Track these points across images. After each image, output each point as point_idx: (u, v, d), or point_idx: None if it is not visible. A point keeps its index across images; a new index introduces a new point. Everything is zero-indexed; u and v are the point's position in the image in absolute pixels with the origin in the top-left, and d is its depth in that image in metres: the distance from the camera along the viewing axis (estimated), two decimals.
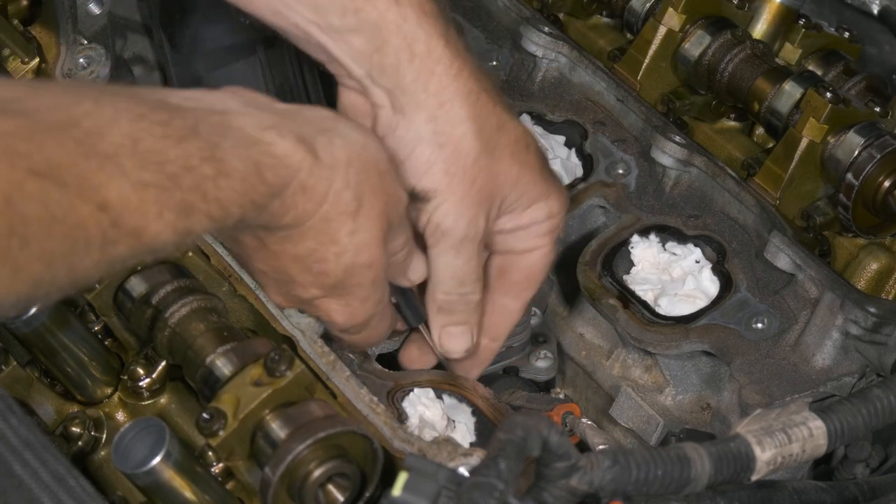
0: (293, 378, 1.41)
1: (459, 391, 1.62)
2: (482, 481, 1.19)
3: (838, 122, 1.88)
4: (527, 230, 1.59)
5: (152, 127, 1.22)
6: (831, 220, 1.91)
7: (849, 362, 1.75)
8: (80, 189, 1.15)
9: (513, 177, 1.54)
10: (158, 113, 1.24)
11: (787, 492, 1.48)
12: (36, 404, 1.60)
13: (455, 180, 1.50)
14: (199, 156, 1.24)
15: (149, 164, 1.20)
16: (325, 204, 1.36)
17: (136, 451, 1.38)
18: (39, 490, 1.33)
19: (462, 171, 1.50)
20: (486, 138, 1.51)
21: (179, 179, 1.22)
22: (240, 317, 1.56)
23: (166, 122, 1.23)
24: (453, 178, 1.50)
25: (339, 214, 1.38)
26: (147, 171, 1.19)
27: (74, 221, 1.14)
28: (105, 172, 1.17)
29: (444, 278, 1.57)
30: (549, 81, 2.08)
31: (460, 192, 1.51)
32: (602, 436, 1.66)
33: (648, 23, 2.07)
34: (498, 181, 1.53)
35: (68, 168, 1.14)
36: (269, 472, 1.36)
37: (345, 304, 1.46)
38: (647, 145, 1.96)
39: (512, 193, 1.55)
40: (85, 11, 1.94)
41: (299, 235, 1.38)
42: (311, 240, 1.39)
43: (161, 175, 1.20)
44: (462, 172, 1.50)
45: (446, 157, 1.50)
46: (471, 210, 1.52)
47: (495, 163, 1.52)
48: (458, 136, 1.50)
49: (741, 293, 1.83)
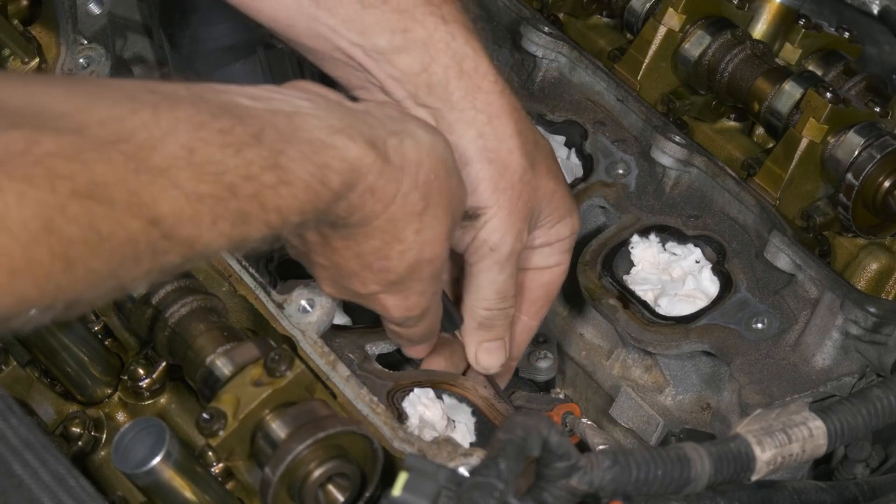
0: (293, 378, 1.41)
1: (459, 391, 1.62)
2: (482, 481, 1.19)
3: (838, 122, 1.88)
4: (552, 246, 1.61)
5: (212, 135, 1.18)
6: (831, 220, 1.91)
7: (849, 362, 1.75)
8: (130, 206, 1.12)
9: (549, 191, 1.55)
10: (221, 119, 1.20)
11: (787, 492, 1.48)
12: (36, 404, 1.60)
13: (503, 196, 1.51)
14: (260, 164, 1.21)
15: (205, 175, 1.16)
16: (392, 205, 1.35)
17: (136, 451, 1.38)
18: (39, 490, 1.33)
19: (510, 186, 1.51)
20: (529, 153, 1.52)
21: (237, 189, 1.19)
22: (240, 317, 1.56)
23: (228, 130, 1.20)
24: (502, 195, 1.51)
25: (407, 214, 1.37)
26: (203, 182, 1.16)
27: (123, 238, 1.11)
28: (157, 186, 1.13)
29: (487, 294, 1.58)
30: (549, 81, 2.08)
31: (508, 208, 1.51)
32: (602, 436, 1.67)
33: (648, 23, 2.07)
34: (538, 196, 1.54)
35: (117, 185, 1.11)
36: (269, 472, 1.36)
37: (403, 297, 1.46)
38: (647, 145, 1.96)
39: (547, 208, 1.56)
40: (85, 11, 1.95)
41: (365, 234, 1.37)
42: (376, 239, 1.38)
43: (218, 186, 1.17)
44: (510, 188, 1.51)
45: (495, 173, 1.50)
46: (517, 225, 1.53)
47: (536, 178, 1.53)
48: (505, 151, 1.50)
49: (741, 293, 1.83)
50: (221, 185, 1.17)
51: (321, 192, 1.27)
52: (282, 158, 1.23)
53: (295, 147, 1.25)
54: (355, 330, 1.71)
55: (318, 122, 1.28)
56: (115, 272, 1.12)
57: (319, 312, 1.52)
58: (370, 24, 1.46)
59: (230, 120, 1.20)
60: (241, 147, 1.19)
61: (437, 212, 1.39)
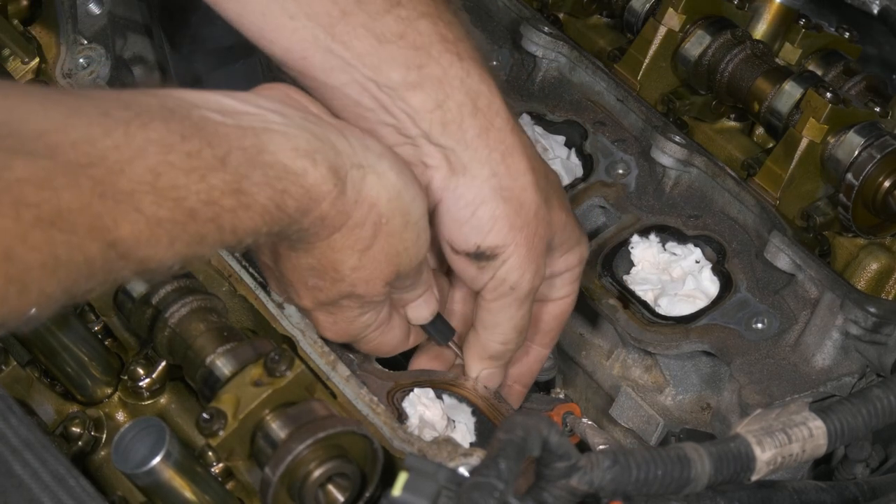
0: (293, 378, 1.41)
1: (459, 391, 1.62)
2: (482, 481, 1.19)
3: (838, 122, 1.88)
4: (561, 277, 1.61)
5: (180, 159, 1.19)
6: (831, 220, 1.91)
7: (849, 362, 1.75)
8: (91, 230, 1.13)
9: (561, 223, 1.55)
10: (190, 141, 1.21)
11: (787, 492, 1.48)
12: (36, 404, 1.60)
13: (521, 234, 1.49)
14: (222, 189, 1.22)
15: (167, 200, 1.18)
16: (337, 234, 1.35)
17: (136, 451, 1.38)
18: (39, 490, 1.33)
19: (526, 223, 1.49)
20: (543, 189, 1.51)
21: (197, 213, 1.20)
22: (240, 317, 1.56)
23: (196, 154, 1.21)
24: (519, 233, 1.49)
25: (347, 248, 1.37)
26: (164, 207, 1.18)
27: (81, 260, 1.13)
28: (120, 210, 1.15)
29: (505, 330, 1.57)
30: (549, 81, 2.08)
31: (526, 246, 1.50)
32: (602, 436, 1.67)
33: (648, 23, 2.07)
34: (553, 230, 1.53)
35: (80, 211, 1.12)
36: (269, 472, 1.36)
37: (332, 320, 1.47)
38: (647, 145, 1.96)
39: (558, 239, 1.55)
40: (85, 11, 1.94)
41: (305, 252, 1.38)
42: (314, 259, 1.39)
43: (179, 210, 1.19)
44: (526, 225, 1.49)
45: (511, 211, 1.48)
46: (534, 263, 1.52)
47: (550, 212, 1.52)
48: (520, 189, 1.49)
49: (741, 293, 1.83)
50: (182, 210, 1.19)
51: (277, 216, 1.28)
52: (244, 183, 1.24)
53: (258, 171, 1.26)
54: None
55: (284, 143, 1.29)
56: (68, 290, 1.14)
57: None
58: (385, 58, 1.45)
59: (199, 142, 1.22)
60: (206, 172, 1.21)
61: (379, 256, 1.39)
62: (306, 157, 1.30)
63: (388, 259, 1.40)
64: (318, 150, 1.31)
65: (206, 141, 1.23)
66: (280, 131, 1.29)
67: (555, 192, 1.54)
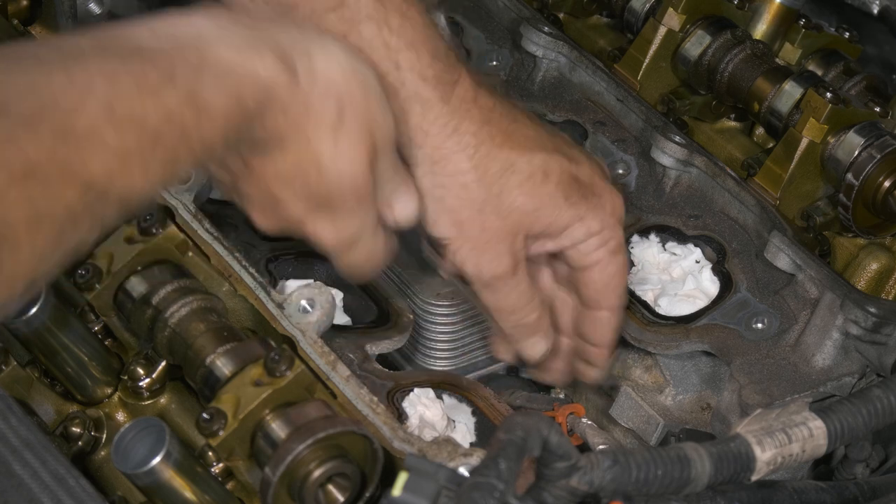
0: (293, 378, 1.41)
1: (459, 391, 1.62)
2: (482, 481, 1.19)
3: (838, 122, 1.88)
4: (575, 249, 1.63)
5: (128, 87, 1.19)
6: (831, 220, 1.91)
7: (849, 362, 1.75)
8: (63, 176, 1.13)
9: (530, 210, 1.57)
10: (131, 64, 1.20)
11: (787, 492, 1.48)
12: (36, 404, 1.60)
13: (464, 228, 1.55)
14: (178, 102, 1.22)
15: (129, 128, 1.18)
16: (304, 120, 1.34)
17: (136, 452, 1.38)
18: (39, 490, 1.33)
19: (469, 219, 1.55)
20: (490, 184, 1.55)
21: (162, 134, 1.20)
22: (240, 317, 1.56)
23: (142, 76, 1.20)
24: (461, 227, 1.55)
25: (318, 128, 1.35)
26: (129, 136, 1.18)
27: (61, 209, 1.13)
28: (86, 151, 1.15)
29: (493, 313, 1.63)
30: (549, 81, 2.08)
31: (472, 238, 1.55)
32: (602, 436, 1.67)
33: (648, 23, 2.07)
34: (514, 219, 1.56)
35: (48, 160, 1.13)
36: (269, 472, 1.36)
37: (331, 220, 1.44)
38: (647, 145, 1.96)
39: (536, 225, 1.58)
40: (85, 11, 1.95)
41: (281, 153, 1.36)
42: (292, 155, 1.37)
43: (143, 136, 1.19)
44: (469, 220, 1.55)
45: (450, 207, 1.54)
46: (488, 252, 1.56)
47: (506, 203, 1.55)
48: (458, 187, 1.54)
49: (741, 293, 1.83)
50: (147, 135, 1.19)
51: (238, 115, 1.27)
52: (198, 92, 1.24)
53: (207, 77, 1.25)
54: (355, 330, 1.71)
55: (225, 46, 1.28)
56: (58, 243, 1.14)
57: (319, 312, 1.52)
58: None
59: (141, 63, 1.21)
60: (157, 91, 1.21)
61: (352, 128, 1.37)
62: (249, 51, 1.29)
63: (363, 130, 1.39)
64: (260, 43, 1.31)
65: (148, 64, 1.22)
66: (216, 36, 1.29)
67: (518, 185, 1.56)
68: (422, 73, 1.50)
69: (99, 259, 1.54)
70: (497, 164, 1.55)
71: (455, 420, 1.58)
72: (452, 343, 1.86)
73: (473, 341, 1.86)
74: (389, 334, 1.69)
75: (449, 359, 1.86)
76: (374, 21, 1.48)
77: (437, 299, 1.83)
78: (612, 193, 1.64)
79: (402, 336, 1.70)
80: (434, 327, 1.85)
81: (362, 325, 1.73)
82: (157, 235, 1.55)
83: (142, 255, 1.54)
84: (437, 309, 1.84)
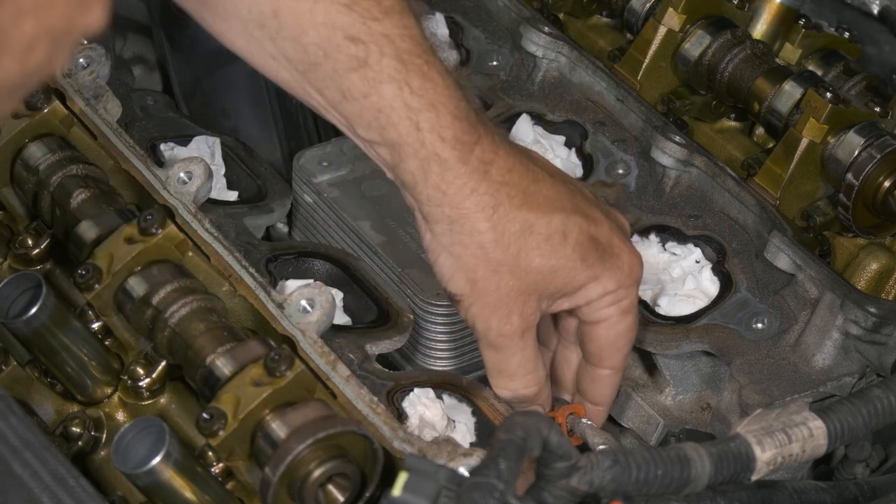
0: (293, 378, 1.41)
1: (459, 391, 1.62)
2: (482, 481, 1.19)
3: (838, 122, 1.88)
4: (589, 306, 1.62)
5: None
6: (831, 220, 1.91)
7: (849, 362, 1.75)
8: None
9: (546, 272, 1.57)
10: None
11: (787, 492, 1.48)
12: (36, 404, 1.60)
13: (478, 286, 1.55)
14: None
15: None
16: None
17: (136, 451, 1.38)
18: (39, 490, 1.33)
19: (483, 278, 1.55)
20: (507, 245, 1.55)
21: None
22: (240, 317, 1.56)
23: None
24: (475, 285, 1.55)
25: None
26: None
27: None
28: None
29: (493, 375, 1.63)
30: (549, 81, 2.08)
31: (485, 297, 1.56)
32: (602, 436, 1.67)
33: (648, 23, 2.07)
34: (530, 279, 1.56)
35: None
36: (269, 472, 1.36)
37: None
38: (647, 145, 1.96)
39: (551, 286, 1.58)
40: None
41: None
42: None
43: None
44: (484, 279, 1.55)
45: (466, 266, 1.55)
46: (500, 311, 1.57)
47: (523, 263, 1.55)
48: (474, 246, 1.54)
49: (741, 293, 1.83)
50: None
51: None
52: None
53: None
54: (355, 330, 1.71)
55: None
56: None
57: (319, 312, 1.52)
58: (352, 113, 1.51)
59: None
60: None
61: None
62: None
63: None
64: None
65: None
66: None
67: (536, 246, 1.56)
68: (441, 133, 1.50)
69: (99, 259, 1.54)
70: (515, 225, 1.55)
71: (455, 420, 1.58)
72: (452, 343, 1.86)
73: (473, 341, 1.86)
74: (389, 334, 1.69)
75: (449, 359, 1.86)
76: (395, 82, 1.48)
77: (437, 299, 1.83)
78: (630, 253, 1.63)
79: (402, 336, 1.70)
80: (434, 327, 1.85)
81: (362, 325, 1.73)
82: (157, 235, 1.55)
83: (142, 254, 1.54)
84: (437, 309, 1.84)
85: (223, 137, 1.95)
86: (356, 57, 1.47)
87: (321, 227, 1.98)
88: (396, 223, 1.94)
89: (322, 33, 1.47)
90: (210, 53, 2.08)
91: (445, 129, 1.50)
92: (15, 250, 1.66)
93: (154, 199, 1.62)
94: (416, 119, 1.49)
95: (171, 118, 2.00)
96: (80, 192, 1.62)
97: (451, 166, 1.51)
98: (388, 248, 1.91)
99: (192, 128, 1.98)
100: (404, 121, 1.49)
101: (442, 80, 1.50)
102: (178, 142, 1.93)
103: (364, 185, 2.00)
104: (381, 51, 1.47)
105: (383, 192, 1.98)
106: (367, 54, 1.47)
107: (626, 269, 1.61)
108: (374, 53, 1.47)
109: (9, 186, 1.70)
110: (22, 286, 1.52)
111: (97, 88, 1.78)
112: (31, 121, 1.68)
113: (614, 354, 1.66)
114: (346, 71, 1.48)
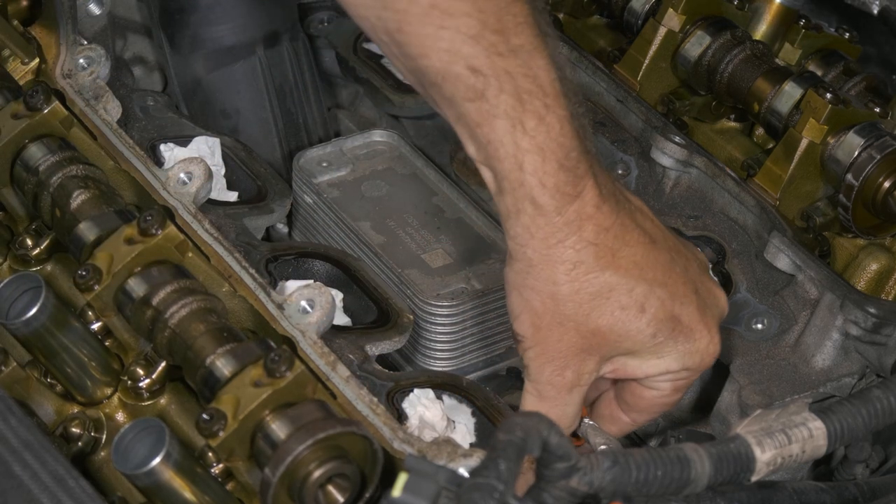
0: (293, 378, 1.41)
1: (459, 392, 1.62)
2: (482, 482, 1.19)
3: (838, 123, 1.88)
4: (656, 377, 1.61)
5: None
6: (831, 220, 1.91)
7: (849, 363, 1.75)
8: None
9: (612, 339, 1.56)
10: None
11: (787, 492, 1.48)
12: (36, 405, 1.60)
13: (541, 333, 1.55)
14: None
15: None
16: None
17: (135, 452, 1.38)
18: (39, 491, 1.33)
19: (548, 327, 1.54)
20: (580, 303, 1.53)
21: None
22: (240, 317, 1.56)
23: None
24: (538, 331, 1.55)
25: None
26: None
27: None
28: None
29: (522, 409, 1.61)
30: None
31: (544, 345, 1.55)
32: (602, 436, 1.67)
33: (648, 23, 2.07)
34: (595, 341, 1.56)
35: None
36: (269, 472, 1.36)
37: None
38: (646, 146, 1.96)
39: (613, 352, 1.58)
40: (85, 12, 1.94)
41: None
42: None
43: None
44: (548, 328, 1.54)
45: (534, 310, 1.54)
46: (556, 362, 1.56)
47: (592, 324, 1.54)
48: (546, 295, 1.53)
49: (741, 293, 1.83)
50: None
51: None
52: None
53: None
54: (355, 330, 1.71)
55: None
56: None
57: (319, 313, 1.52)
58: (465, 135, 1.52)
59: None
60: None
61: None
62: None
63: None
64: None
65: None
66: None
67: (611, 312, 1.54)
68: (542, 179, 1.49)
69: (99, 260, 1.54)
70: (594, 286, 1.53)
71: (455, 421, 1.58)
72: (452, 343, 1.86)
73: (473, 342, 1.86)
74: (389, 335, 1.69)
75: (449, 359, 1.86)
76: (509, 119, 1.47)
77: (437, 299, 1.84)
78: (710, 341, 1.59)
79: (402, 336, 1.69)
80: (434, 327, 1.85)
81: (362, 325, 1.73)
82: (157, 236, 1.55)
83: (141, 255, 1.54)
84: (437, 309, 1.84)
85: (223, 138, 1.95)
86: (474, 88, 1.46)
87: (321, 227, 1.98)
88: (396, 223, 1.95)
89: (444, 59, 1.46)
90: (210, 53, 2.08)
91: (548, 175, 1.49)
92: (15, 251, 1.67)
93: (154, 200, 1.63)
94: (522, 159, 1.48)
95: (171, 118, 2.00)
96: (80, 193, 1.62)
97: (544, 212, 1.50)
98: (388, 249, 1.91)
99: (192, 128, 1.98)
100: (510, 158, 1.48)
101: (559, 126, 1.49)
102: (177, 142, 1.93)
103: (364, 185, 2.00)
104: (501, 86, 1.46)
105: (383, 192, 1.98)
106: (486, 87, 1.46)
107: (697, 356, 1.59)
108: (493, 88, 1.46)
109: (9, 187, 1.70)
110: (22, 287, 1.52)
111: (97, 89, 1.79)
112: (31, 121, 1.68)
113: (645, 415, 1.66)
114: (463, 100, 1.48)
